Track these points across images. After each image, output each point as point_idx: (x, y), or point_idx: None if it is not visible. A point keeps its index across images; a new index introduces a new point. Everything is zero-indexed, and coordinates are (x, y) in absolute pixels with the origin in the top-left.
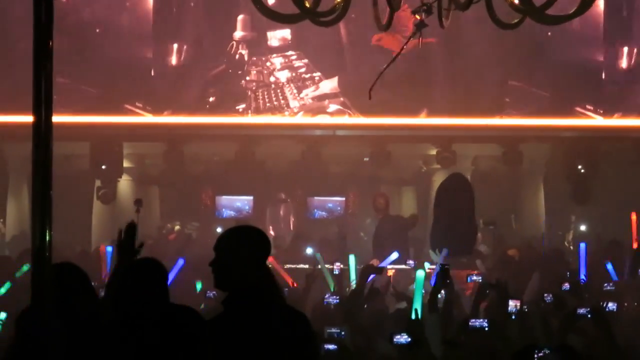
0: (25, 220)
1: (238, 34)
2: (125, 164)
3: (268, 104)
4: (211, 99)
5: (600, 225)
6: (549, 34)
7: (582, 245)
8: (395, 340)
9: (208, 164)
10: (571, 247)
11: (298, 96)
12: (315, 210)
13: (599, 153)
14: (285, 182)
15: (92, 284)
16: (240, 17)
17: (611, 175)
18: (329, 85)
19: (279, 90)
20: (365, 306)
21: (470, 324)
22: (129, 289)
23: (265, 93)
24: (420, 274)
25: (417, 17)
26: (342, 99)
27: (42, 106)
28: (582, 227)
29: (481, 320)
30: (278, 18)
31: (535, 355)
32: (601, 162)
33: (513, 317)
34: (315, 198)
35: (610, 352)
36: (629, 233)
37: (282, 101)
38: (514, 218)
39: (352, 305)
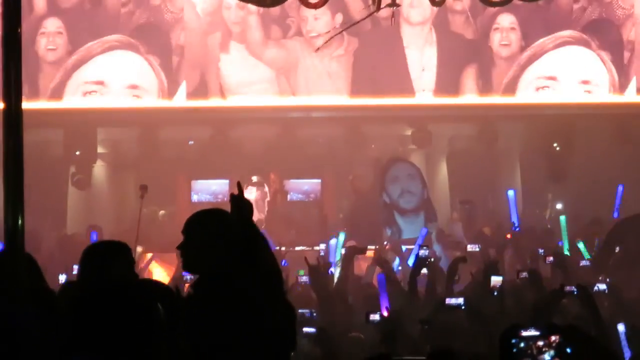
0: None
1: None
2: (100, 149)
3: None
4: None
5: (576, 203)
6: None
7: (562, 219)
8: (371, 318)
9: (183, 148)
10: (549, 226)
11: None
12: (292, 192)
13: (574, 130)
14: (261, 165)
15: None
16: None
17: (587, 152)
18: None
19: None
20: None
21: (446, 302)
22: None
23: None
24: (381, 277)
25: None
26: None
27: (12, 93)
28: (559, 205)
29: (457, 299)
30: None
31: (521, 333)
32: (577, 140)
33: (495, 293)
34: (291, 180)
35: (597, 331)
36: (605, 210)
37: None
38: (490, 197)
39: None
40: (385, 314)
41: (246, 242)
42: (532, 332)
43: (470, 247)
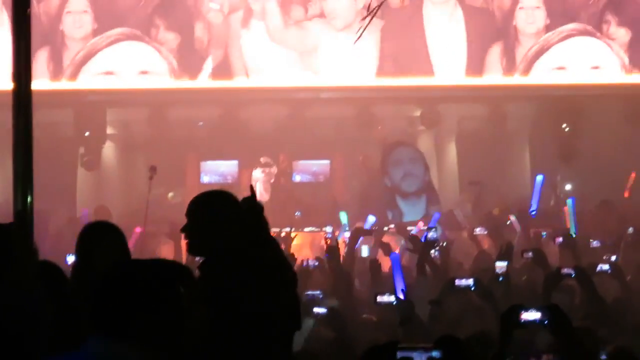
0: (11, 188)
1: None
2: (109, 130)
3: None
4: None
5: (586, 184)
6: None
7: (570, 202)
8: (379, 300)
9: (192, 128)
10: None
11: None
12: (301, 173)
13: (583, 111)
14: (270, 146)
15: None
16: None
17: (596, 133)
18: None
19: None
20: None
21: (456, 283)
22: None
23: None
24: (394, 256)
25: None
26: None
27: (22, 74)
28: (568, 186)
29: (467, 279)
30: None
31: (522, 315)
32: (586, 120)
33: (501, 278)
34: (300, 162)
35: (596, 311)
36: (615, 191)
37: None
38: (499, 178)
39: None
40: (401, 296)
41: (252, 223)
42: (532, 313)
43: (478, 230)
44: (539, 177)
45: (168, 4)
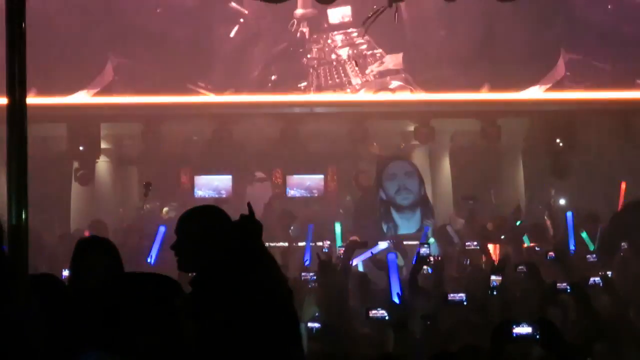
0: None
1: (299, 11)
2: (103, 145)
3: (330, 82)
4: (273, 77)
5: (579, 198)
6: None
7: (569, 214)
8: (371, 314)
9: (186, 143)
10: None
11: (360, 73)
12: (294, 188)
13: (576, 126)
14: (264, 161)
15: None
16: None
17: (589, 148)
18: (393, 60)
19: (340, 68)
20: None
21: (449, 298)
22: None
23: (327, 70)
24: (391, 257)
25: None
26: (404, 75)
27: (16, 88)
28: (562, 201)
29: (459, 294)
30: None
31: (514, 330)
32: (579, 136)
33: (494, 292)
34: (295, 176)
35: (591, 326)
36: (607, 204)
37: (344, 78)
38: (493, 193)
39: (337, 283)
40: (396, 300)
41: (243, 237)
42: (524, 327)
43: (468, 244)
44: (569, 214)
45: None
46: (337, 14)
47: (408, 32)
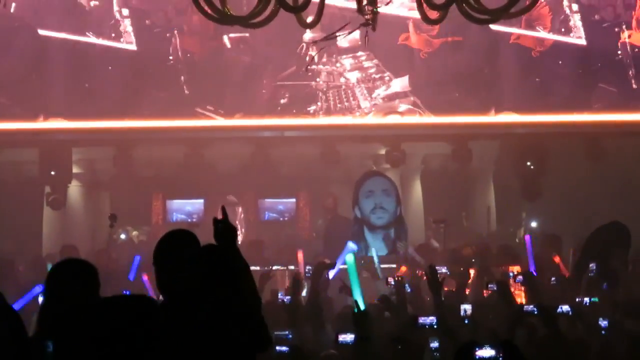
0: None
1: (307, 35)
2: (75, 169)
3: (339, 105)
4: (282, 101)
5: (550, 221)
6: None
7: (527, 238)
8: (340, 339)
9: (158, 167)
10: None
11: (369, 96)
12: (266, 212)
13: (547, 149)
14: (236, 185)
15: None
16: (309, 19)
17: (560, 171)
18: (400, 83)
19: (349, 91)
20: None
21: (419, 321)
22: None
23: (336, 94)
24: (349, 258)
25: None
26: (412, 98)
27: None
28: (533, 224)
29: (429, 317)
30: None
31: (476, 353)
32: (550, 159)
33: (466, 320)
34: (266, 200)
35: (558, 348)
36: (579, 227)
37: (353, 102)
38: (464, 215)
39: (311, 306)
40: (358, 307)
41: (217, 261)
42: (486, 350)
43: (438, 268)
44: (527, 238)
45: None
46: (346, 38)
47: (416, 54)
